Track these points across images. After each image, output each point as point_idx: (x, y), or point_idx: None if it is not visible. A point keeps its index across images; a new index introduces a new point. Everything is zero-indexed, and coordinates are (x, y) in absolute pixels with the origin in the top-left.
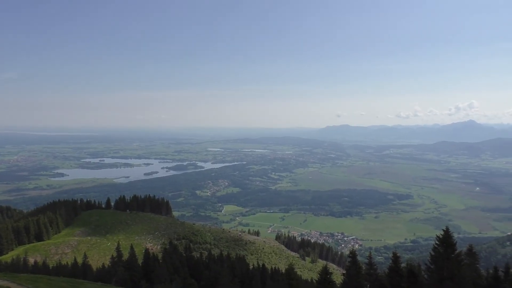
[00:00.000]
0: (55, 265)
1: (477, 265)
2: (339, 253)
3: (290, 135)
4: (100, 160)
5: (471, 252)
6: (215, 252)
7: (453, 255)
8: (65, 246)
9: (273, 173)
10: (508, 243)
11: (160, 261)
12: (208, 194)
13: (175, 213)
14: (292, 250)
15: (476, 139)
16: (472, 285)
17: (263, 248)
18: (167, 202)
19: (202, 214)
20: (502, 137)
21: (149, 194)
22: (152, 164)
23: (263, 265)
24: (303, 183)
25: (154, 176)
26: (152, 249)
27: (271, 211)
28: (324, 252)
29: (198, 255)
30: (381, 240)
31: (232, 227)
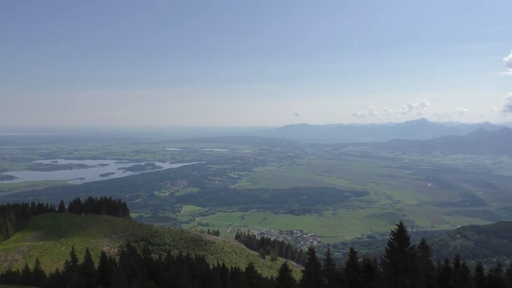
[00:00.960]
0: (4, 272)
1: (430, 258)
2: (298, 250)
3: (249, 134)
4: (52, 161)
5: (424, 245)
6: (175, 253)
7: (407, 249)
8: (15, 252)
9: (232, 172)
10: (458, 236)
11: (118, 264)
12: (167, 194)
13: (133, 215)
14: (252, 248)
15: (428, 137)
16: (425, 276)
17: (223, 248)
18: (124, 203)
19: (161, 215)
20: (451, 134)
21: (105, 196)
22: (108, 164)
23: (223, 264)
24: (262, 182)
25: (111, 177)
26: (109, 252)
27: (231, 210)
28: (284, 250)
29: (157, 257)
30: (339, 236)
31: (191, 227)
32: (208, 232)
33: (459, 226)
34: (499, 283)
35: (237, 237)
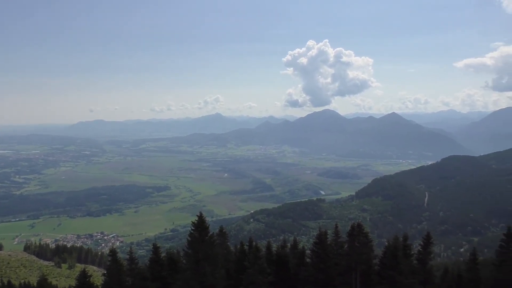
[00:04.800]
0: None
1: (228, 243)
2: (100, 253)
3: (37, 133)
4: None
5: (222, 232)
6: None
7: (207, 238)
8: None
9: (17, 176)
10: (251, 220)
11: None
12: None
13: None
14: (46, 259)
15: (223, 130)
16: (224, 261)
17: (8, 263)
18: None
19: None
20: (242, 127)
21: None
22: None
23: (9, 282)
24: (55, 184)
25: None
26: None
27: (17, 219)
28: (83, 255)
29: None
30: (142, 233)
31: None
32: None
33: (252, 211)
34: (284, 257)
35: (26, 248)
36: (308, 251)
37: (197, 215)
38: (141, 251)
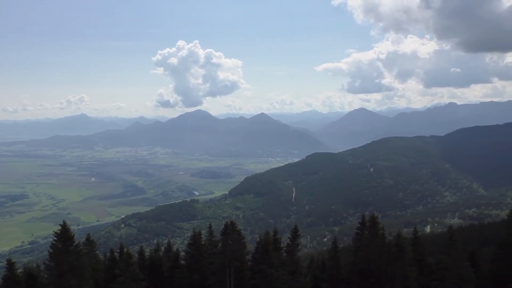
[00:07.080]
0: None
1: (96, 252)
2: None
3: None
4: None
5: (89, 241)
6: None
7: (72, 248)
8: None
9: None
10: (122, 225)
11: None
12: None
13: None
14: None
15: (89, 132)
16: (92, 271)
17: None
18: None
19: None
20: (111, 128)
21: None
22: None
23: None
24: None
25: None
26: None
27: None
28: None
29: None
30: None
31: None
32: None
33: (123, 216)
34: (158, 262)
35: None
36: (182, 253)
37: (60, 224)
38: None
